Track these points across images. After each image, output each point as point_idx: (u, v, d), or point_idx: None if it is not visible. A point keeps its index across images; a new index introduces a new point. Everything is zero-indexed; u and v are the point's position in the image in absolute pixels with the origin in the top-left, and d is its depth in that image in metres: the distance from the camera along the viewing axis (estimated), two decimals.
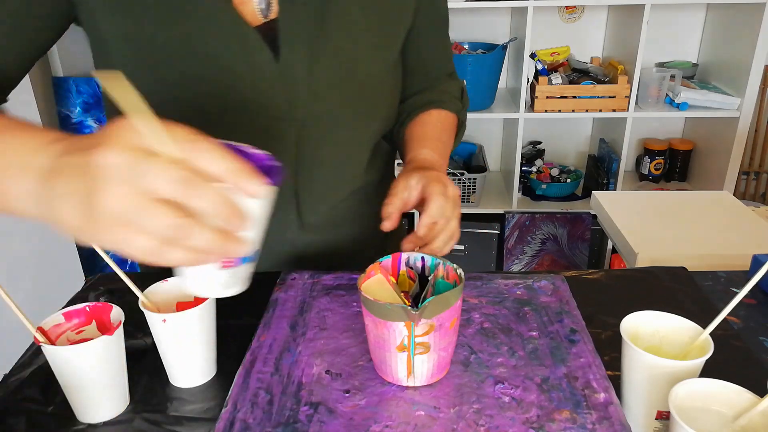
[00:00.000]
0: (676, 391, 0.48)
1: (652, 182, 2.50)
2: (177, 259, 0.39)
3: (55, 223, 0.41)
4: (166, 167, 0.37)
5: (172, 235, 0.38)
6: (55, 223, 0.41)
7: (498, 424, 0.53)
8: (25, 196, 0.43)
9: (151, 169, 0.37)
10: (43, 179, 0.41)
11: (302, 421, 0.54)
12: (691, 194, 1.48)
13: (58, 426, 0.58)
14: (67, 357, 0.54)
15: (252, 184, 0.40)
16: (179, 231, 0.38)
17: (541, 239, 2.41)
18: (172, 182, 0.37)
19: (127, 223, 0.37)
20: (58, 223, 0.41)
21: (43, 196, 0.41)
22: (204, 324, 0.61)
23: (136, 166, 0.37)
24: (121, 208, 0.37)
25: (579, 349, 0.62)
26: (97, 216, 0.37)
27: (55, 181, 0.40)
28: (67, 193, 0.39)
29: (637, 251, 1.15)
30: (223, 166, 0.39)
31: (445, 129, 0.86)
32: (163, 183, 0.37)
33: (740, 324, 0.72)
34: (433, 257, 0.62)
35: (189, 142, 0.39)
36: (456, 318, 0.57)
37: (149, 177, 0.37)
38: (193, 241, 0.38)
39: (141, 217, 0.37)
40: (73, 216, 0.39)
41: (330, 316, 0.69)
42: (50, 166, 0.41)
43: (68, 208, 0.39)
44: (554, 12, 2.41)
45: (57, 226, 0.41)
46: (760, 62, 2.07)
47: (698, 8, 2.36)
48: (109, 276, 0.82)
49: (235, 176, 0.39)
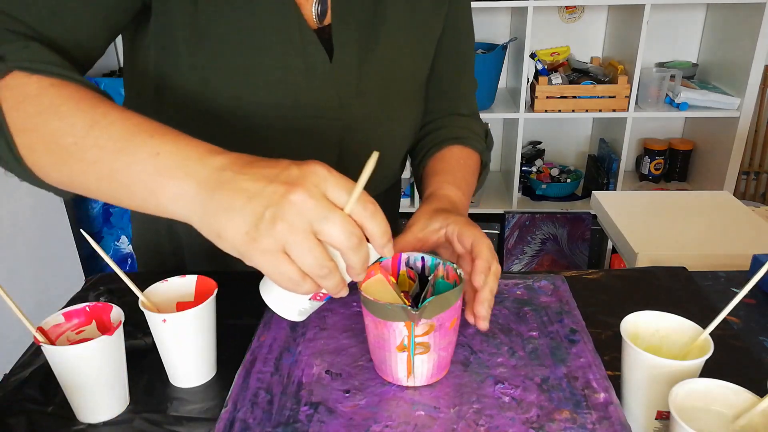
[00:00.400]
0: (676, 391, 0.48)
1: (652, 182, 2.50)
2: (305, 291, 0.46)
3: (210, 232, 0.46)
4: (346, 221, 0.44)
5: (317, 274, 0.45)
6: (211, 231, 0.45)
7: (498, 424, 0.53)
8: (181, 199, 0.46)
9: (333, 218, 0.44)
10: (205, 189, 0.45)
11: (302, 421, 0.54)
12: (691, 194, 1.47)
13: (58, 426, 0.58)
14: (67, 357, 0.54)
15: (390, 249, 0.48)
16: (324, 272, 0.45)
17: (541, 239, 2.41)
18: (344, 234, 0.44)
19: (286, 252, 0.44)
20: (215, 232, 0.45)
21: (202, 203, 0.45)
22: (204, 324, 0.61)
23: (319, 210, 0.43)
24: (289, 239, 0.43)
25: (579, 349, 0.62)
26: (262, 238, 0.43)
27: (220, 192, 0.45)
28: (233, 207, 0.44)
29: (637, 251, 1.15)
30: (378, 231, 0.47)
31: (468, 166, 0.82)
32: (341, 234, 0.44)
33: (740, 324, 0.72)
34: (433, 257, 0.62)
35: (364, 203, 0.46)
36: (456, 318, 0.57)
37: (329, 224, 0.44)
38: (326, 282, 0.46)
39: (303, 252, 0.44)
40: (236, 231, 0.44)
41: (330, 316, 0.69)
42: (212, 177, 0.45)
43: (234, 224, 0.44)
44: (554, 12, 2.41)
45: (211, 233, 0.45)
46: (760, 62, 2.07)
47: (698, 8, 2.36)
48: (109, 276, 0.82)
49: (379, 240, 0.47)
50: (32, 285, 1.72)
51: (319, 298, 0.53)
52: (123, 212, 2.26)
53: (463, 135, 0.84)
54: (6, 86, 0.50)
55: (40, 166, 0.52)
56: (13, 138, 0.50)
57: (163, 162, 0.47)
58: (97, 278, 0.82)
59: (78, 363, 0.55)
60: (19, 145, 0.51)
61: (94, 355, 0.55)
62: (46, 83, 0.51)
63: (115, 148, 0.48)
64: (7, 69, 0.50)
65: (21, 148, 0.51)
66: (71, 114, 0.49)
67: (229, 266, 0.82)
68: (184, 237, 0.83)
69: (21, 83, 0.50)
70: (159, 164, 0.47)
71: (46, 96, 0.50)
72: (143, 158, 0.47)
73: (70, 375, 0.55)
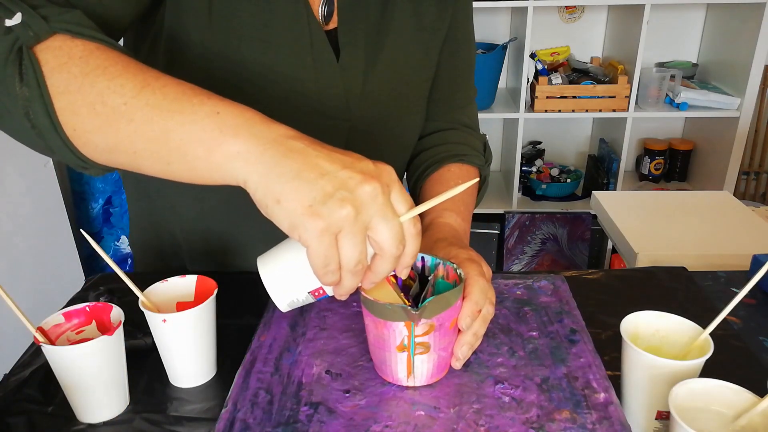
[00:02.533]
0: (676, 391, 0.48)
1: (652, 182, 2.50)
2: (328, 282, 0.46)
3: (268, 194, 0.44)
4: (400, 229, 0.45)
5: (350, 269, 0.45)
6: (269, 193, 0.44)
7: (498, 424, 0.53)
8: (242, 158, 0.44)
9: (393, 222, 0.45)
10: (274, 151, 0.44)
11: (302, 421, 0.54)
12: (691, 194, 1.47)
13: (58, 426, 0.58)
14: (67, 357, 0.54)
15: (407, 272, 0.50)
16: (358, 269, 0.45)
17: (541, 239, 2.41)
18: (394, 240, 0.45)
19: (335, 233, 0.43)
20: (274, 196, 0.43)
21: (270, 166, 0.44)
22: (204, 324, 0.61)
23: (384, 209, 0.44)
24: (347, 225, 0.43)
25: (579, 349, 0.62)
26: (324, 215, 0.42)
27: (290, 158, 0.44)
28: (303, 177, 0.43)
29: (637, 251, 1.15)
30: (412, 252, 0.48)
31: None
32: (390, 236, 0.45)
33: (740, 324, 0.72)
34: (433, 257, 0.62)
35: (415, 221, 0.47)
36: (456, 318, 0.57)
37: (387, 226, 0.44)
38: (350, 279, 0.46)
39: (353, 243, 0.44)
40: (299, 201, 0.43)
41: (330, 316, 0.69)
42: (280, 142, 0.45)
43: (299, 194, 0.43)
44: (554, 12, 2.41)
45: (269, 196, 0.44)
46: (760, 62, 2.07)
47: (698, 8, 2.36)
48: (109, 276, 0.82)
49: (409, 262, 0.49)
50: (32, 285, 1.72)
51: (316, 295, 0.54)
52: (123, 212, 2.26)
53: (461, 152, 0.83)
54: (48, 48, 0.47)
55: (82, 131, 0.48)
56: (53, 101, 0.47)
57: (225, 120, 0.45)
58: (97, 278, 0.82)
59: (78, 363, 0.55)
60: (58, 110, 0.47)
61: (94, 355, 0.55)
62: (92, 46, 0.48)
63: (170, 108, 0.46)
64: (51, 30, 0.48)
65: (61, 112, 0.47)
66: (120, 75, 0.47)
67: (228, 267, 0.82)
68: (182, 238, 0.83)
69: (65, 45, 0.48)
70: (221, 122, 0.45)
71: (92, 57, 0.48)
72: (202, 117, 0.45)
73: (70, 375, 0.55)
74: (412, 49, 0.77)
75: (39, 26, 0.47)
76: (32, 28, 0.47)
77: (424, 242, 0.68)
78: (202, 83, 0.49)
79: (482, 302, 0.58)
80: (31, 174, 1.76)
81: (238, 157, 0.45)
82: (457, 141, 0.85)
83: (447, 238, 0.68)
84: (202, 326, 0.60)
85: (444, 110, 0.87)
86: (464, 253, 0.63)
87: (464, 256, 0.62)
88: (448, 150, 0.83)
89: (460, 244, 0.67)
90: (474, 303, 0.57)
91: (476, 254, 0.64)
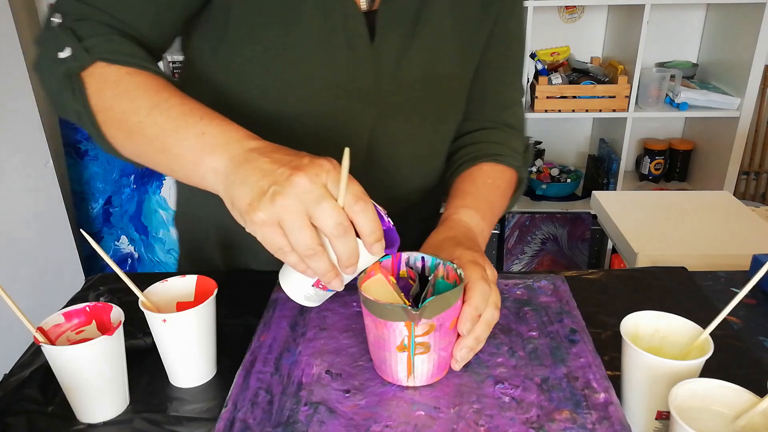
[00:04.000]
0: (676, 391, 0.48)
1: (652, 182, 2.51)
2: (291, 263, 0.52)
3: (227, 199, 0.53)
4: (337, 210, 0.49)
5: (304, 253, 0.50)
6: (227, 199, 0.53)
7: (498, 424, 0.53)
8: (213, 171, 0.54)
9: (324, 205, 0.49)
10: (233, 164, 0.53)
11: (302, 421, 0.54)
12: (691, 194, 1.47)
13: (58, 426, 0.58)
14: (67, 357, 0.54)
15: (378, 248, 0.52)
16: (310, 253, 0.50)
17: (541, 239, 2.41)
18: (332, 220, 0.49)
19: (279, 226, 0.49)
20: (230, 200, 0.53)
21: (227, 175, 0.53)
22: (204, 324, 0.61)
23: (315, 196, 0.49)
24: (284, 215, 0.49)
25: (579, 349, 0.62)
26: (261, 209, 0.49)
27: (242, 168, 0.52)
28: (247, 182, 0.51)
29: (637, 251, 1.15)
30: (366, 228, 0.51)
31: (496, 187, 0.79)
32: (328, 219, 0.49)
33: (740, 324, 0.72)
34: (433, 257, 0.62)
35: (356, 198, 0.50)
36: (456, 318, 0.57)
37: (319, 209, 0.49)
38: (312, 264, 0.51)
39: (294, 229, 0.49)
40: (242, 200, 0.51)
41: (330, 316, 0.69)
42: (242, 155, 0.53)
43: (243, 194, 0.51)
44: (554, 12, 2.41)
45: (227, 201, 0.53)
46: (760, 62, 2.07)
47: (698, 8, 2.36)
48: (109, 276, 0.82)
49: (368, 238, 0.51)
50: (32, 285, 1.72)
51: (322, 286, 0.57)
52: (122, 212, 2.26)
53: (497, 152, 0.81)
54: (90, 74, 0.61)
55: (115, 139, 0.62)
56: (96, 116, 0.61)
57: (207, 140, 0.55)
58: (97, 278, 0.82)
59: (78, 363, 0.55)
60: (100, 122, 0.61)
61: (94, 355, 0.55)
62: (123, 72, 0.61)
63: (170, 127, 0.57)
64: (91, 60, 0.60)
65: (101, 124, 0.61)
66: (139, 97, 0.59)
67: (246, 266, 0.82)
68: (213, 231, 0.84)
69: (102, 71, 0.61)
70: (203, 142, 0.55)
71: (122, 82, 0.60)
72: (191, 136, 0.56)
73: (70, 375, 0.55)
74: (449, 41, 0.76)
75: (83, 58, 0.60)
76: (78, 59, 0.60)
77: (431, 239, 0.68)
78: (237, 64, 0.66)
79: (482, 306, 0.57)
80: (31, 174, 1.76)
81: (212, 171, 0.55)
82: (496, 141, 0.83)
83: (456, 237, 0.67)
84: (202, 326, 0.60)
85: (488, 110, 0.85)
86: (468, 255, 0.62)
87: (468, 258, 0.61)
88: (485, 149, 0.82)
89: (468, 245, 0.65)
90: (474, 308, 0.57)
91: (482, 256, 0.63)
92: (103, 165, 2.22)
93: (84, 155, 2.21)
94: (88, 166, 2.23)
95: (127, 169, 2.22)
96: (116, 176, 2.23)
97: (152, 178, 2.23)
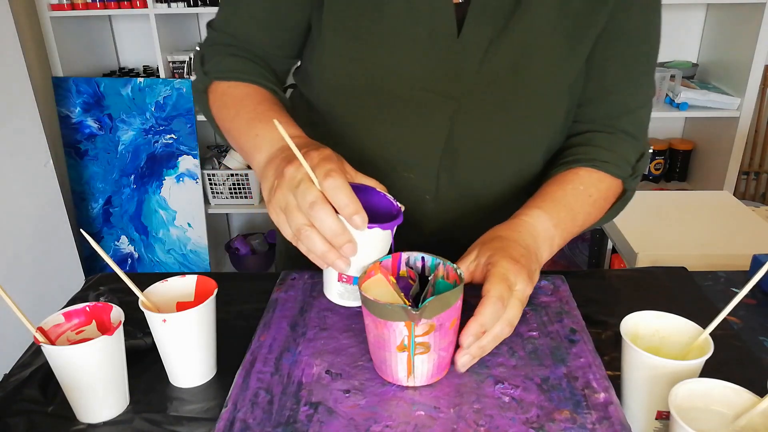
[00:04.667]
0: (676, 391, 0.48)
1: (652, 182, 2.50)
2: (304, 251, 0.59)
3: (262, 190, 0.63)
4: (309, 190, 0.55)
5: (295, 234, 0.57)
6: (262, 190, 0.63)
7: (498, 424, 0.53)
8: (258, 166, 0.67)
9: (301, 187, 0.56)
10: (265, 162, 0.65)
11: (302, 421, 0.54)
12: (691, 194, 1.48)
13: (58, 426, 0.58)
14: (67, 357, 0.54)
15: (355, 221, 0.55)
16: (302, 232, 0.56)
17: None
18: (305, 201, 0.55)
19: (283, 212, 0.58)
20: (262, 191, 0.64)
21: (262, 171, 0.65)
22: (204, 324, 0.61)
23: (295, 182, 0.57)
24: (281, 202, 0.58)
25: (579, 349, 0.62)
26: (271, 199, 0.59)
27: (268, 166, 0.63)
28: (267, 178, 0.62)
29: (637, 251, 1.15)
30: (340, 203, 0.55)
31: (587, 195, 0.73)
32: (300, 199, 0.56)
33: (740, 324, 0.72)
34: (433, 257, 0.62)
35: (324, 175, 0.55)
36: (456, 318, 0.57)
37: (297, 192, 0.56)
38: (305, 243, 0.57)
39: (288, 214, 0.57)
40: (264, 193, 0.62)
41: (330, 316, 0.69)
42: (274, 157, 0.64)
43: (264, 187, 0.62)
44: None
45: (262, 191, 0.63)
46: (760, 62, 2.07)
47: (698, 8, 2.36)
48: (109, 276, 0.82)
49: (344, 212, 0.55)
50: (32, 285, 1.72)
51: (345, 279, 0.62)
52: (123, 212, 2.26)
53: (600, 157, 0.74)
54: (212, 91, 0.78)
55: (225, 138, 0.78)
56: (218, 124, 0.78)
57: (257, 142, 0.68)
58: (97, 278, 0.83)
59: (78, 363, 0.55)
60: (220, 127, 0.78)
61: (94, 355, 0.55)
62: (226, 86, 0.77)
63: (242, 131, 0.71)
64: (209, 80, 0.78)
65: (219, 128, 0.78)
66: (230, 107, 0.75)
67: None
68: None
69: (218, 89, 0.77)
70: (256, 142, 0.68)
71: (225, 96, 0.77)
72: (251, 138, 0.69)
73: (70, 375, 0.55)
74: (548, 36, 0.71)
75: (203, 80, 0.78)
76: (201, 82, 0.78)
77: (486, 234, 0.66)
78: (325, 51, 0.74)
79: (489, 325, 0.56)
80: (31, 174, 1.76)
81: (257, 166, 0.67)
82: (603, 146, 0.76)
83: (507, 240, 0.64)
84: (202, 326, 0.60)
85: (602, 113, 0.78)
86: (502, 267, 0.59)
87: (499, 271, 0.58)
88: (587, 153, 0.76)
89: (513, 253, 0.61)
90: (479, 324, 0.56)
91: (519, 269, 0.60)
92: (103, 165, 2.22)
93: (84, 155, 2.21)
94: (88, 166, 2.23)
95: (127, 169, 2.22)
96: (116, 176, 2.23)
97: (152, 178, 2.23)
